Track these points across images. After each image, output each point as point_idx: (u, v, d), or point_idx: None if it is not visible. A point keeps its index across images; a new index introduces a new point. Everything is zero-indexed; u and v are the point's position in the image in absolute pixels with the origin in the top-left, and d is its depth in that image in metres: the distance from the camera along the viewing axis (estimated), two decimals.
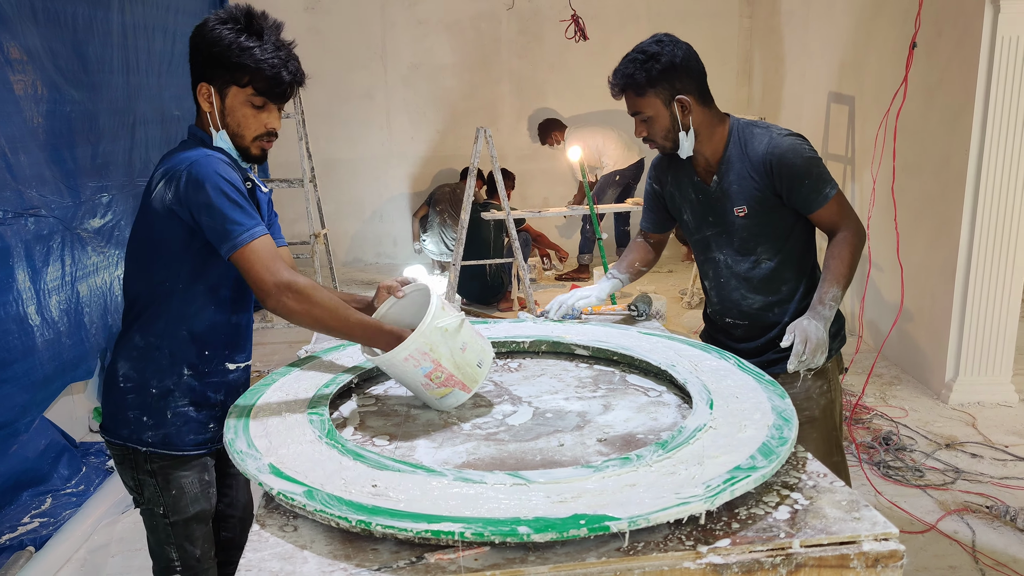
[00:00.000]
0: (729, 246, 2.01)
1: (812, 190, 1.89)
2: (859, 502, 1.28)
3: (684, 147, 1.93)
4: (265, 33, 1.58)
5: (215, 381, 1.70)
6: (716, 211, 1.99)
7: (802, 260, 2.01)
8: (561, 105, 6.93)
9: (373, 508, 1.17)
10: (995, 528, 2.81)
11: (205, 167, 1.52)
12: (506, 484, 1.24)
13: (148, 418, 1.64)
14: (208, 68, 1.57)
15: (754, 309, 2.04)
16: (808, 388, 1.96)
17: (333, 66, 6.53)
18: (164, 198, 1.54)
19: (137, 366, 1.64)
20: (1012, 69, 3.56)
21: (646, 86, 1.88)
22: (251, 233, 1.52)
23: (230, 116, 1.60)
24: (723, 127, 1.94)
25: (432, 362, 1.58)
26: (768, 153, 1.88)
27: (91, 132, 3.49)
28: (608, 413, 1.66)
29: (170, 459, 1.66)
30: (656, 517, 1.15)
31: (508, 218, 4.80)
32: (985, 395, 3.92)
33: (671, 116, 1.90)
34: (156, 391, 1.64)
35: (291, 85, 1.61)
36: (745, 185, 1.92)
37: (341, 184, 6.77)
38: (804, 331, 1.77)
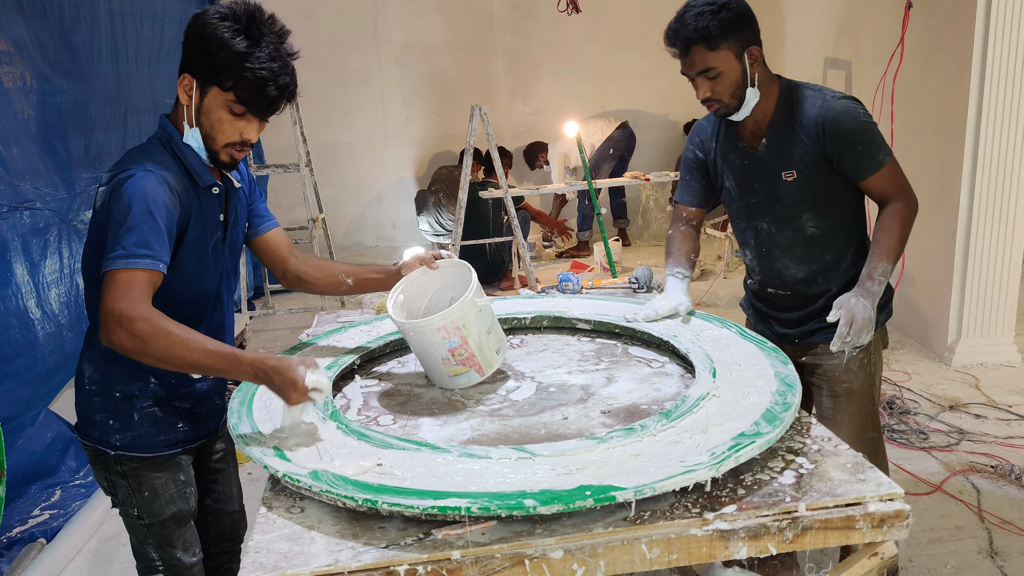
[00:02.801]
0: (772, 214, 1.92)
1: (864, 155, 1.80)
2: (864, 464, 1.29)
3: (749, 104, 1.82)
4: (263, 40, 1.45)
5: (182, 392, 1.61)
6: (763, 176, 1.89)
7: (850, 229, 1.92)
8: (555, 81, 6.87)
9: (379, 487, 1.17)
10: (1000, 487, 2.82)
11: (133, 185, 1.40)
12: (511, 458, 1.24)
13: (115, 421, 1.56)
14: (195, 61, 1.46)
15: (797, 279, 1.94)
16: (849, 360, 1.88)
17: (325, 49, 6.47)
18: (99, 205, 1.47)
19: (101, 369, 1.57)
20: (1009, 28, 3.52)
21: (718, 38, 1.75)
22: (138, 262, 1.36)
23: (206, 116, 1.49)
24: (775, 87, 1.86)
25: (460, 338, 1.59)
26: (820, 116, 1.79)
27: (83, 123, 3.46)
28: (611, 385, 1.66)
29: (140, 461, 1.58)
30: (661, 486, 1.15)
31: (506, 196, 4.78)
32: (988, 356, 3.92)
33: (741, 70, 1.79)
34: (120, 395, 1.56)
35: (277, 101, 1.48)
36: (795, 148, 1.83)
37: (338, 168, 6.73)
38: (851, 309, 1.70)
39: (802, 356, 1.99)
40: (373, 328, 1.96)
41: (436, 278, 1.79)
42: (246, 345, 4.51)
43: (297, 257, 1.81)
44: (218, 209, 1.59)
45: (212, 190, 1.56)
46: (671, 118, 6.89)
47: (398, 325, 1.65)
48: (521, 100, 6.95)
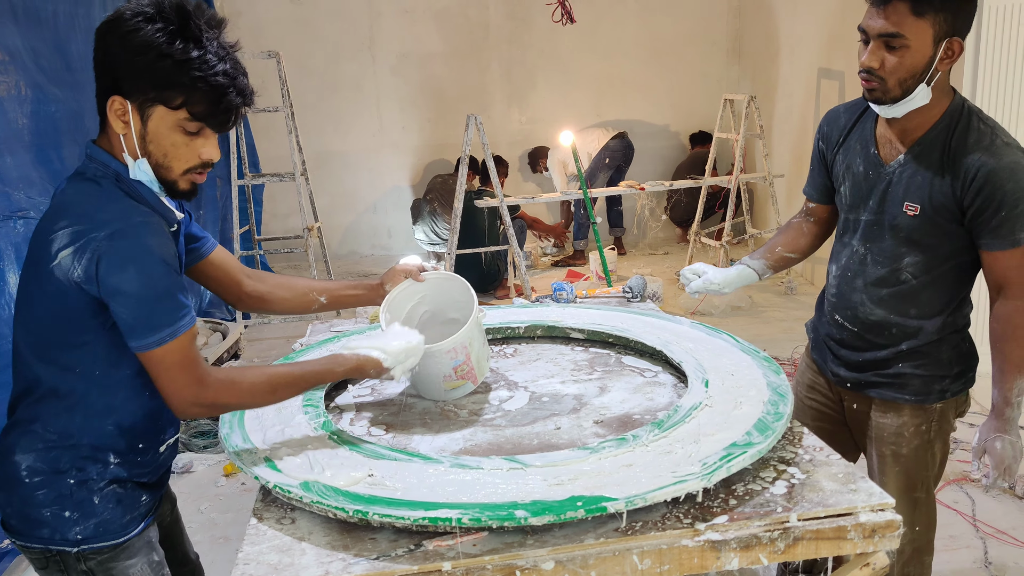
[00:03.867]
0: (876, 240, 1.67)
1: (1006, 224, 1.52)
2: (855, 474, 1.29)
3: (912, 103, 1.54)
4: (205, 37, 1.20)
5: (147, 470, 1.37)
6: (882, 197, 1.64)
7: (948, 294, 1.65)
8: (551, 90, 6.90)
9: (370, 498, 1.17)
10: (994, 496, 2.82)
11: (133, 243, 1.18)
12: (503, 469, 1.24)
13: (71, 512, 1.27)
14: (125, 80, 1.19)
15: (870, 320, 1.71)
16: (902, 424, 1.70)
17: (321, 58, 6.49)
18: (70, 271, 1.18)
19: (46, 457, 1.28)
20: (1000, 37, 3.54)
21: (929, 5, 1.46)
22: (181, 326, 1.22)
23: (154, 143, 1.22)
24: (947, 101, 1.57)
25: (465, 355, 1.59)
26: (981, 159, 1.51)
27: (77, 131, 3.46)
28: (604, 395, 1.66)
29: (110, 550, 1.31)
30: (653, 496, 1.15)
31: (502, 205, 4.79)
32: (982, 365, 3.92)
33: (930, 57, 1.49)
34: (75, 481, 1.28)
35: (239, 107, 1.24)
36: (933, 180, 1.56)
37: (333, 176, 6.73)
38: (999, 455, 1.54)
39: (853, 403, 1.81)
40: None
41: (415, 291, 1.74)
42: (240, 354, 4.50)
43: (252, 276, 1.57)
44: (178, 248, 1.35)
45: (171, 230, 1.31)
46: (667, 128, 6.91)
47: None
48: (517, 109, 6.97)
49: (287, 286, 1.62)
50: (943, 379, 1.67)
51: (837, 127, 1.76)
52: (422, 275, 1.70)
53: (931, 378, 1.68)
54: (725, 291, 1.84)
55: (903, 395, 1.70)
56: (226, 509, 2.92)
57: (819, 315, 1.88)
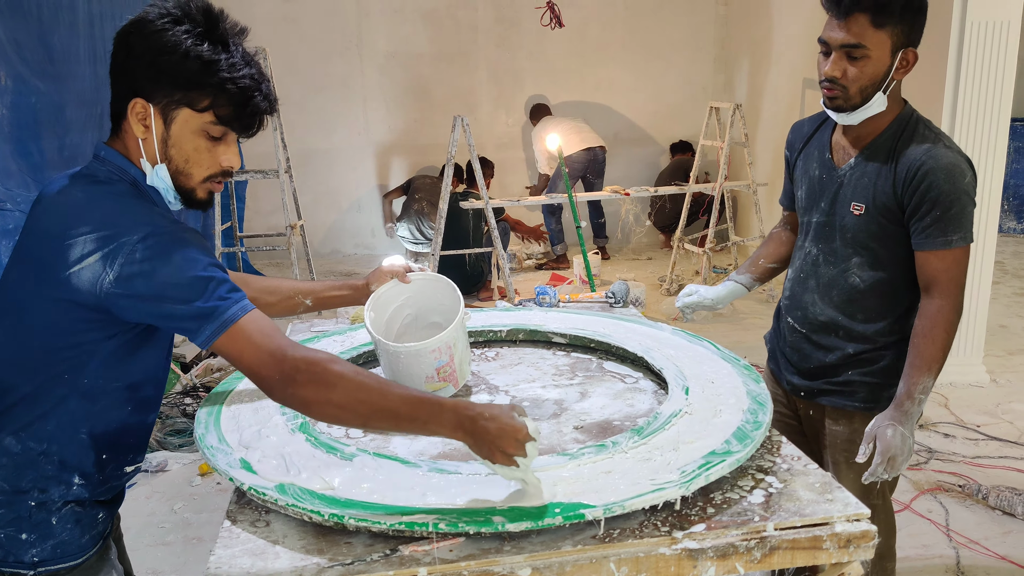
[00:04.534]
0: (827, 242, 1.73)
1: (937, 225, 1.57)
2: (832, 484, 1.29)
3: (871, 109, 1.60)
4: (231, 41, 1.20)
5: (106, 488, 1.30)
6: (831, 197, 1.71)
7: (897, 294, 1.70)
8: (539, 93, 6.91)
9: (346, 501, 1.16)
10: (967, 506, 2.85)
11: (172, 241, 1.14)
12: (481, 474, 1.23)
13: (28, 534, 1.22)
14: (150, 81, 1.16)
15: (819, 321, 1.76)
16: (854, 431, 1.72)
17: (308, 55, 6.46)
18: (101, 277, 1.11)
19: (8, 475, 1.21)
20: (982, 54, 3.59)
21: (890, 16, 1.52)
22: (242, 305, 1.16)
23: (176, 147, 1.19)
24: (898, 109, 1.64)
25: (449, 356, 1.58)
26: (920, 159, 1.57)
27: (58, 124, 3.43)
28: (585, 400, 1.65)
29: (67, 572, 1.25)
30: (631, 504, 1.15)
31: (487, 207, 4.78)
32: (957, 376, 3.98)
33: (888, 67, 1.56)
34: (35, 503, 1.22)
35: (265, 112, 1.23)
36: (878, 182, 1.63)
37: (318, 174, 6.70)
38: (888, 443, 1.53)
39: (808, 411, 1.86)
40: (347, 338, 1.94)
41: (400, 292, 1.73)
42: None
43: (237, 280, 1.49)
44: None
45: None
46: (651, 134, 6.95)
47: (386, 348, 1.58)
48: (504, 112, 6.97)
49: (271, 290, 1.59)
50: (890, 386, 1.69)
51: (800, 135, 1.85)
52: (408, 276, 1.69)
53: (879, 385, 1.73)
54: (718, 307, 1.94)
55: (853, 402, 1.76)
56: (200, 509, 2.89)
57: (776, 324, 1.95)
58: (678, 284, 5.67)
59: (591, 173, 6.28)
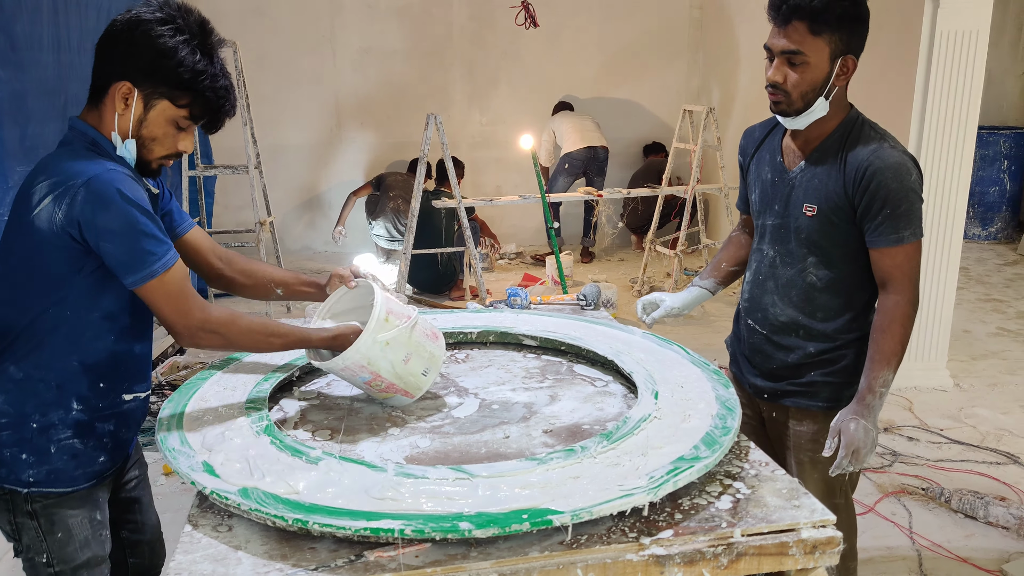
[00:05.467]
0: (782, 243, 1.77)
1: (888, 222, 1.62)
2: (799, 490, 1.30)
3: (813, 114, 1.66)
4: (215, 54, 1.43)
5: (107, 413, 1.47)
6: (785, 201, 1.75)
7: (851, 295, 1.74)
8: (512, 93, 6.89)
9: (311, 506, 1.14)
10: (930, 509, 2.90)
11: (107, 185, 1.31)
12: (448, 479, 1.22)
13: (28, 455, 1.40)
14: (141, 73, 1.36)
15: (779, 321, 1.79)
16: (817, 431, 1.77)
17: (279, 50, 6.37)
18: (52, 216, 1.31)
19: (14, 399, 1.39)
20: (951, 63, 3.65)
21: (826, 24, 1.58)
22: (163, 263, 1.35)
23: (147, 128, 1.40)
24: (843, 114, 1.69)
25: (371, 373, 1.54)
26: (868, 159, 1.62)
27: (19, 113, 3.33)
28: (554, 404, 1.65)
29: (56, 497, 1.43)
30: (599, 510, 1.14)
31: (459, 207, 4.76)
32: (921, 380, 4.05)
33: (827, 73, 1.62)
34: (37, 426, 1.40)
35: (228, 117, 1.48)
36: (828, 183, 1.67)
37: (289, 170, 6.61)
38: (852, 437, 1.58)
39: (772, 413, 1.89)
40: None
41: (356, 295, 1.70)
42: (185, 349, 4.38)
43: (222, 259, 1.67)
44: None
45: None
46: (625, 135, 6.97)
47: (313, 363, 1.63)
48: (478, 110, 6.95)
49: (249, 273, 1.72)
50: (851, 385, 1.74)
51: (752, 141, 1.88)
52: (352, 282, 1.69)
53: (840, 384, 1.78)
54: (684, 312, 1.99)
55: (816, 403, 1.80)
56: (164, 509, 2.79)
57: (735, 327, 1.98)
58: (649, 286, 5.70)
59: (592, 171, 6.29)
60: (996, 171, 7.26)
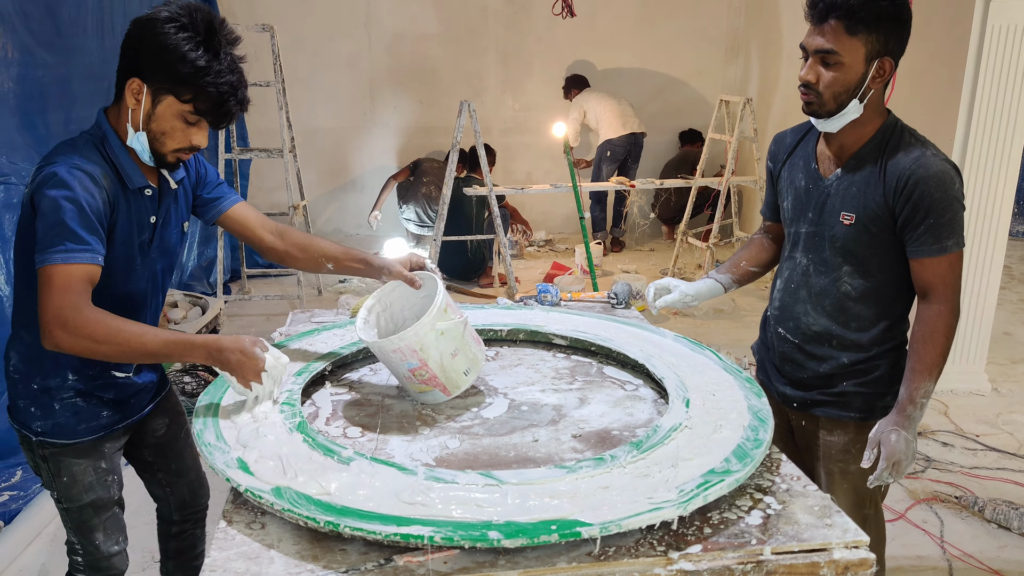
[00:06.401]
0: (816, 252, 1.73)
1: (931, 232, 1.58)
2: (831, 507, 1.29)
3: (845, 117, 1.62)
4: (222, 51, 1.45)
5: (101, 383, 1.61)
6: (819, 208, 1.71)
7: (888, 305, 1.70)
8: (546, 79, 6.84)
9: (342, 509, 1.15)
10: (963, 518, 2.85)
11: (61, 179, 1.39)
12: (478, 484, 1.22)
13: (36, 409, 1.58)
14: (148, 68, 1.43)
15: (812, 331, 1.76)
16: (848, 441, 1.76)
17: (315, 33, 6.38)
18: (27, 196, 1.46)
19: (24, 360, 1.58)
20: (1001, 58, 3.54)
21: (863, 22, 1.53)
22: (64, 258, 1.38)
23: (156, 122, 1.47)
24: (880, 119, 1.65)
25: (419, 360, 1.56)
26: (910, 168, 1.58)
27: (64, 97, 3.38)
28: (584, 407, 1.64)
29: (60, 447, 1.60)
30: (628, 523, 1.14)
31: (490, 194, 4.75)
32: (958, 384, 3.97)
33: (862, 74, 1.57)
34: (39, 387, 1.57)
35: (235, 112, 1.50)
36: (867, 191, 1.63)
37: (323, 153, 6.65)
38: (892, 448, 1.55)
39: (801, 422, 1.85)
40: (347, 332, 1.93)
41: (408, 289, 1.75)
42: (220, 329, 4.45)
43: (274, 232, 1.76)
44: (149, 211, 1.57)
45: (144, 192, 1.55)
46: (660, 124, 6.88)
47: (362, 341, 1.64)
48: (511, 96, 6.91)
49: (303, 246, 1.78)
50: (884, 396, 1.73)
51: (783, 147, 1.85)
52: (419, 283, 1.72)
53: (873, 395, 1.75)
54: (695, 303, 1.95)
55: (848, 413, 1.77)
56: None
57: (763, 334, 1.94)
58: (680, 277, 5.65)
59: (631, 158, 6.25)
60: None
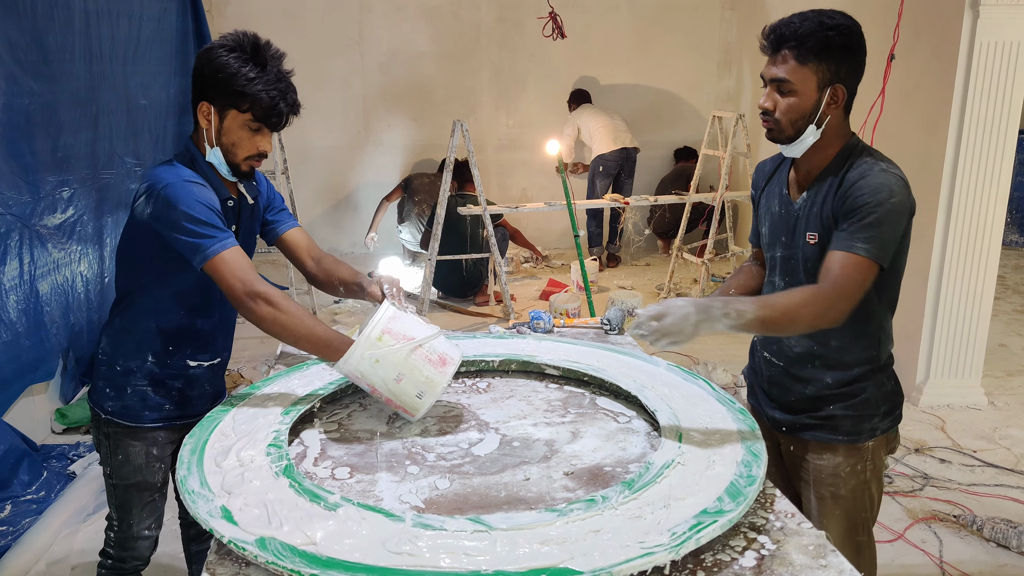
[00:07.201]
0: (792, 275, 1.75)
1: (848, 230, 1.58)
2: (826, 547, 1.26)
3: (805, 142, 1.66)
4: (268, 64, 1.67)
5: (175, 372, 1.82)
6: (790, 231, 1.74)
7: (862, 318, 1.67)
8: (540, 96, 6.85)
9: (328, 560, 1.13)
10: (962, 537, 2.83)
11: (178, 191, 1.63)
12: (467, 531, 1.20)
13: (110, 390, 1.80)
14: (211, 90, 1.67)
15: (794, 353, 1.77)
16: (838, 464, 1.75)
17: (308, 52, 6.39)
18: (144, 211, 1.67)
19: (112, 344, 1.81)
20: (990, 75, 3.55)
21: (812, 52, 1.58)
22: (222, 244, 1.63)
23: (226, 136, 1.70)
24: (842, 142, 1.68)
25: (367, 386, 1.63)
26: (855, 177, 1.61)
27: (51, 124, 3.36)
28: (576, 441, 1.62)
29: (122, 428, 1.81)
30: (619, 570, 1.12)
31: (485, 214, 4.74)
32: (955, 398, 3.95)
33: (816, 102, 1.62)
34: (120, 369, 1.79)
35: (287, 114, 1.72)
36: (823, 209, 1.66)
37: (316, 172, 6.65)
38: (668, 305, 1.50)
39: (790, 447, 1.85)
40: None
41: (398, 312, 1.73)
42: None
43: (313, 258, 1.95)
44: (231, 220, 1.79)
45: (227, 203, 1.77)
46: (654, 139, 6.89)
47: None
48: (505, 113, 6.92)
49: (326, 271, 1.95)
50: (872, 417, 1.74)
51: (763, 175, 1.89)
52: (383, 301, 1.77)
53: (861, 417, 1.74)
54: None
55: (836, 436, 1.76)
56: None
57: (752, 360, 1.95)
58: (676, 293, 5.65)
59: (624, 172, 6.26)
60: None
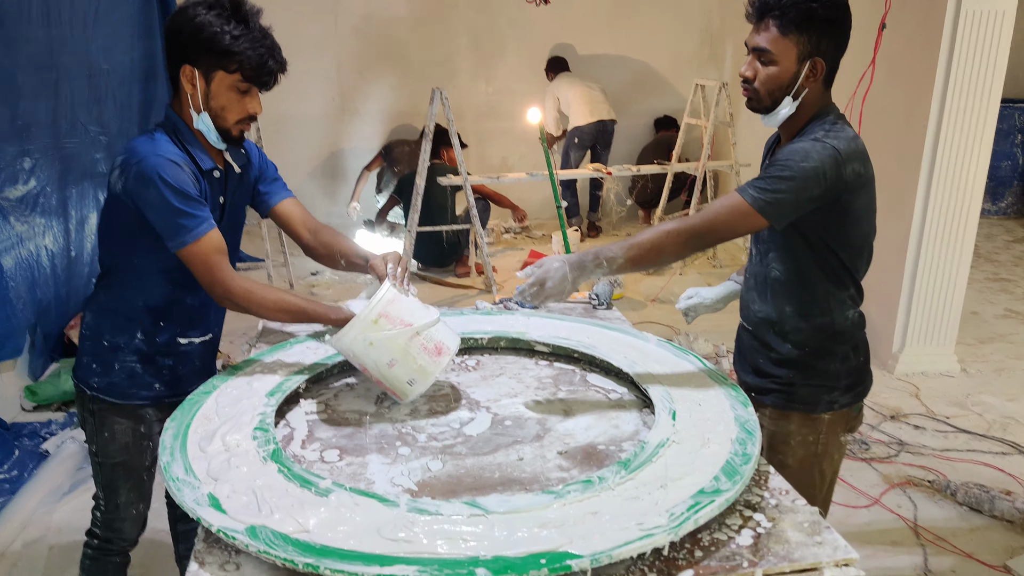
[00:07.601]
0: (756, 242, 1.80)
1: (752, 179, 1.63)
2: (820, 523, 1.27)
3: (780, 114, 1.66)
4: (251, 20, 1.60)
5: (164, 349, 1.78)
6: None
7: (812, 285, 1.70)
8: (520, 63, 6.74)
9: (322, 548, 1.11)
10: (936, 502, 2.89)
11: (151, 168, 1.57)
12: (463, 515, 1.18)
13: (97, 366, 1.76)
14: (193, 52, 1.59)
15: (759, 317, 1.80)
16: (790, 432, 1.77)
17: (281, 16, 6.13)
18: (117, 186, 1.62)
19: (97, 319, 1.77)
20: (974, 44, 3.54)
21: (794, 23, 1.58)
22: (194, 235, 1.60)
23: (214, 100, 1.63)
24: (812, 113, 1.68)
25: (359, 366, 1.61)
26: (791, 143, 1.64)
27: (8, 91, 3.22)
28: (568, 420, 1.61)
29: (108, 404, 1.77)
30: (619, 553, 1.11)
31: (466, 185, 4.68)
32: (929, 365, 4.02)
33: (794, 73, 1.62)
34: (108, 344, 1.75)
35: (277, 71, 1.65)
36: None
37: (291, 142, 6.50)
38: (546, 270, 1.61)
39: (757, 411, 1.79)
40: (320, 344, 1.87)
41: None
42: None
43: (310, 230, 1.89)
44: (218, 191, 1.74)
45: (213, 173, 1.71)
46: (635, 108, 6.83)
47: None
48: (484, 80, 6.80)
49: (326, 244, 1.90)
50: (832, 390, 1.75)
51: (767, 147, 1.90)
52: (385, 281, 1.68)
53: (820, 388, 1.76)
54: (719, 307, 2.03)
55: (792, 404, 1.77)
56: None
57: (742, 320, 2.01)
58: None
59: (600, 144, 6.20)
60: (1010, 145, 7.14)
